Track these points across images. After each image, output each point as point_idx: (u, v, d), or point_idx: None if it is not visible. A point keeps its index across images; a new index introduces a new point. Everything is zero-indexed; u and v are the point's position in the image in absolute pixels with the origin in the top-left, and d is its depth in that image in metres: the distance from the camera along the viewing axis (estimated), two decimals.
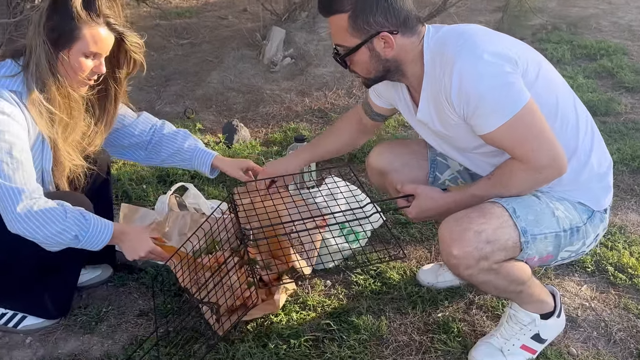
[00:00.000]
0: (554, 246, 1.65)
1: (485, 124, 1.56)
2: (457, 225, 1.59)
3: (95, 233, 1.71)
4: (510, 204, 1.61)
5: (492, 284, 1.63)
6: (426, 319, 2.03)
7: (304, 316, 2.02)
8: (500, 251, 1.57)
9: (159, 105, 4.24)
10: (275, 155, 3.33)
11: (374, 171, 2.08)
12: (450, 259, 1.59)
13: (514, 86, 1.52)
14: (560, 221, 1.64)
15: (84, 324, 1.99)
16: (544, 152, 1.55)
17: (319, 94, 4.37)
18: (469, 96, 1.53)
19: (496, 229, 1.56)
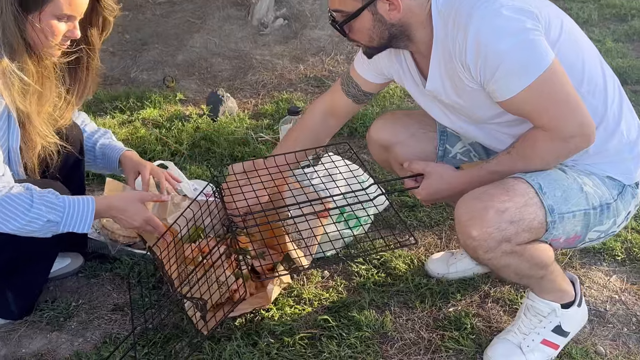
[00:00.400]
0: (582, 225, 1.64)
1: (506, 87, 1.54)
2: (477, 203, 1.57)
3: (74, 212, 1.71)
4: (535, 180, 1.59)
5: (513, 268, 1.63)
6: (436, 314, 2.01)
7: (299, 311, 2.00)
8: (524, 232, 1.56)
9: (135, 72, 4.19)
10: (266, 130, 3.29)
11: (376, 145, 2.06)
12: (469, 241, 1.58)
13: (538, 44, 1.49)
14: (589, 197, 1.63)
15: (52, 320, 1.97)
16: (571, 119, 1.54)
17: (315, 60, 4.32)
18: (487, 57, 1.51)
19: (521, 207, 1.55)
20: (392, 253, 2.28)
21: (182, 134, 3.18)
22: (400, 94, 3.77)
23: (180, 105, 3.67)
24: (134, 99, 3.66)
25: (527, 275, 1.67)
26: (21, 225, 1.65)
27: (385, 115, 2.11)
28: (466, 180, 1.72)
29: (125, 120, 3.42)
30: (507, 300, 2.06)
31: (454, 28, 1.55)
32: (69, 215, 1.71)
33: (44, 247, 1.91)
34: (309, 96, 3.83)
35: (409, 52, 1.76)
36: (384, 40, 1.65)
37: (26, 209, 1.65)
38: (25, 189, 1.68)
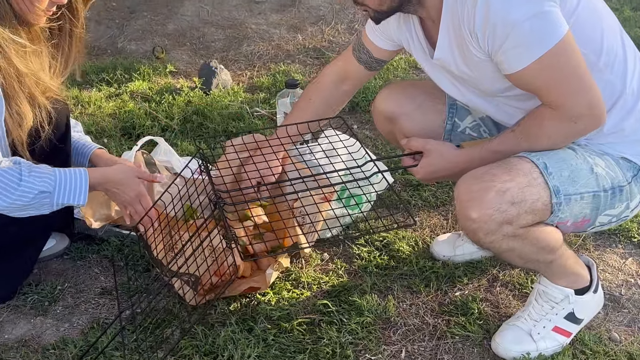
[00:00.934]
0: (591, 209, 1.64)
1: (514, 60, 1.53)
2: (477, 183, 1.57)
3: (66, 183, 1.73)
4: (540, 159, 1.59)
5: (517, 252, 1.63)
6: (441, 298, 2.01)
7: (297, 295, 2.01)
8: (527, 214, 1.56)
9: (122, 42, 4.16)
10: (262, 104, 3.28)
11: (381, 116, 2.05)
12: (468, 224, 1.58)
13: (550, 15, 1.48)
14: (599, 179, 1.62)
15: (36, 304, 1.97)
16: (581, 98, 1.53)
17: (315, 30, 4.29)
18: (495, 26, 1.49)
19: (523, 188, 1.55)
20: (395, 234, 2.28)
21: (173, 108, 3.17)
22: (404, 65, 3.74)
23: (171, 78, 3.65)
24: (122, 70, 3.64)
25: (533, 260, 1.67)
26: (12, 200, 1.66)
27: (392, 84, 2.10)
28: (467, 159, 1.72)
29: (112, 94, 3.40)
30: (516, 284, 2.06)
31: None
32: (62, 185, 1.73)
33: (32, 233, 1.93)
34: (308, 68, 3.80)
35: (418, 19, 1.74)
36: (395, 4, 1.63)
37: (16, 183, 1.66)
38: (14, 163, 1.69)
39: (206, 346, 1.78)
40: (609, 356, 1.79)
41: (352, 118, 3.19)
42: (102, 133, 2.94)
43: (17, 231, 1.83)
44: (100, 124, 3.01)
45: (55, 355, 1.77)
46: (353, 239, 2.26)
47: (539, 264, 1.70)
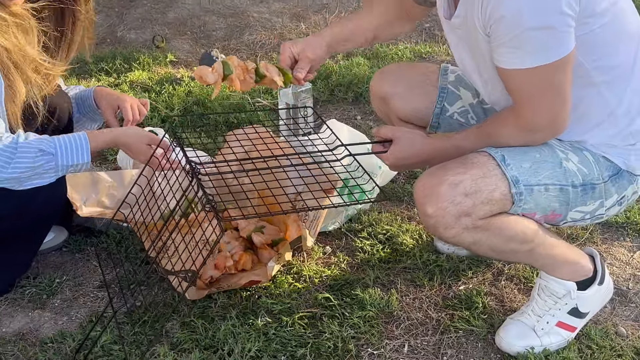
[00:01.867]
0: (560, 203, 1.65)
1: (504, 57, 1.55)
2: (431, 179, 1.61)
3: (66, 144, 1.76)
4: (499, 152, 1.62)
5: (485, 244, 1.64)
6: (445, 292, 2.03)
7: (299, 289, 2.02)
8: (483, 205, 1.58)
9: (122, 31, 4.17)
10: (263, 95, 3.29)
11: (376, 96, 2.08)
12: (427, 220, 1.61)
13: (559, 35, 1.48)
14: (568, 174, 1.64)
15: (34, 298, 1.99)
16: (548, 113, 1.58)
17: (318, 18, 4.29)
18: (505, 16, 1.49)
19: (477, 179, 1.57)
20: (398, 227, 2.29)
21: (173, 99, 3.18)
22: (410, 55, 3.75)
23: (171, 68, 3.66)
24: (121, 60, 3.65)
25: (507, 251, 1.68)
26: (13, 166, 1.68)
27: (388, 66, 2.14)
28: (433, 150, 1.76)
29: (111, 84, 3.41)
30: (521, 278, 2.07)
31: None
32: (63, 146, 1.75)
33: (32, 226, 1.94)
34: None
35: None
36: None
37: (13, 147, 1.69)
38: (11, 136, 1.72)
39: (206, 340, 1.80)
40: (616, 351, 1.80)
41: (356, 109, 3.20)
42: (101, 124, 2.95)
43: (17, 224, 1.85)
44: None
45: (53, 349, 1.79)
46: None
47: (517, 254, 1.71)
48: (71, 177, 2.03)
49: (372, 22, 1.97)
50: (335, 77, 3.40)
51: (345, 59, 3.68)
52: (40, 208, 1.86)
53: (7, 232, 1.86)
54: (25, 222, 1.87)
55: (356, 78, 3.35)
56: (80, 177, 2.12)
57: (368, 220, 2.33)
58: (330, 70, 3.47)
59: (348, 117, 3.12)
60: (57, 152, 1.74)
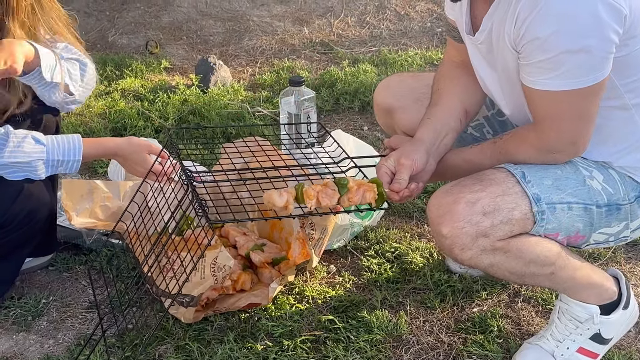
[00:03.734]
0: (584, 224, 1.64)
1: (536, 77, 1.55)
2: (446, 196, 1.60)
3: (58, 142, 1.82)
4: (518, 168, 1.62)
5: (503, 267, 1.63)
6: (458, 314, 2.03)
7: (301, 310, 2.03)
8: (503, 225, 1.57)
9: (113, 36, 4.20)
10: (264, 103, 3.31)
11: (379, 109, 2.09)
12: (442, 240, 1.60)
13: (594, 60, 1.49)
14: (592, 193, 1.64)
15: (18, 319, 2.00)
16: (569, 137, 1.60)
17: (322, 23, 4.31)
18: (541, 38, 1.49)
19: (495, 197, 1.57)
20: (408, 245, 2.30)
21: (168, 108, 3.20)
22: (420, 61, 3.77)
23: (166, 75, 3.69)
24: (112, 66, 3.68)
25: (527, 274, 1.66)
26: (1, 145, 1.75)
27: (392, 76, 2.14)
28: (445, 164, 1.77)
29: (102, 92, 3.44)
30: (539, 300, 2.08)
31: None
32: (54, 141, 1.82)
33: (14, 242, 1.96)
34: (314, 64, 3.83)
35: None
36: None
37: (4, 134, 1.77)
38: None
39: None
40: None
41: (362, 118, 3.21)
42: (90, 133, 2.97)
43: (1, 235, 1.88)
44: (89, 125, 3.05)
45: None
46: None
47: (538, 278, 1.69)
48: (68, 184, 2.06)
49: (453, 100, 1.86)
50: (341, 84, 3.42)
51: (351, 66, 3.71)
52: (25, 220, 1.89)
53: None
54: (12, 235, 1.90)
55: (363, 86, 3.37)
56: (77, 185, 2.13)
57: (375, 237, 2.34)
58: (335, 78, 3.49)
59: (354, 128, 3.13)
60: (48, 144, 1.80)
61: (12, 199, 1.88)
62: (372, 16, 4.36)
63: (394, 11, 4.41)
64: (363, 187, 1.68)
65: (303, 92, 2.66)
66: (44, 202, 1.97)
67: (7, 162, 1.77)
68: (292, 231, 2.12)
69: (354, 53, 3.96)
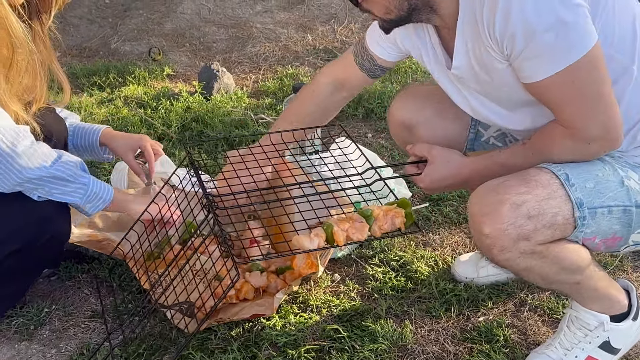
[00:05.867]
0: (622, 224, 1.64)
1: (531, 70, 1.54)
2: (491, 195, 1.59)
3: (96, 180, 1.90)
4: (562, 169, 1.61)
5: (537, 271, 1.64)
6: (463, 324, 2.04)
7: (305, 320, 2.03)
8: (545, 229, 1.57)
9: (116, 43, 4.22)
10: (267, 110, 3.32)
11: (397, 124, 2.07)
12: (482, 239, 1.60)
13: (576, 26, 1.48)
14: (632, 193, 1.63)
15: (21, 328, 2.01)
16: (596, 120, 1.56)
17: (326, 29, 4.33)
18: (515, 34, 1.50)
19: (541, 201, 1.56)
20: (413, 254, 2.30)
21: (171, 115, 3.21)
22: (424, 68, 3.77)
23: (169, 82, 3.70)
24: (115, 74, 3.69)
25: (557, 281, 1.68)
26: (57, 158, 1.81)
27: (409, 89, 2.12)
28: (473, 170, 1.76)
29: (104, 99, 3.45)
30: (546, 309, 2.08)
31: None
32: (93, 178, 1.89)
33: (31, 264, 1.99)
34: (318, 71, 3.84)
35: (434, 28, 1.75)
36: (403, 13, 1.63)
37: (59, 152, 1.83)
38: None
39: None
40: None
41: (366, 126, 3.22)
42: None
43: (23, 258, 1.89)
44: None
45: None
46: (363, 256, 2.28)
47: (564, 285, 1.70)
48: None
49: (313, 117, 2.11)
50: None
51: None
52: (46, 244, 1.91)
53: (11, 266, 1.89)
54: (30, 257, 1.91)
55: (367, 93, 3.38)
56: None
57: (380, 245, 2.35)
58: None
59: (358, 135, 3.14)
60: (89, 176, 1.87)
61: (35, 224, 1.87)
62: None
63: None
64: (391, 214, 1.70)
65: None
66: (65, 228, 1.98)
67: (56, 174, 1.79)
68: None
69: None
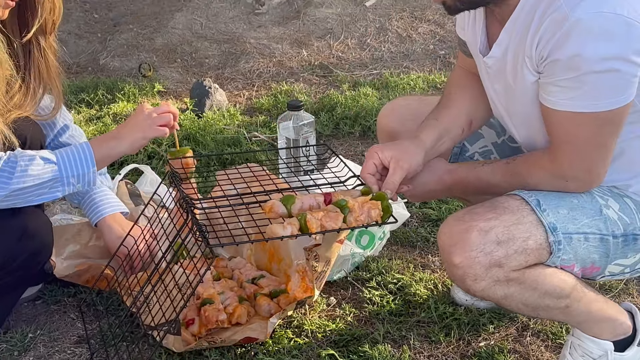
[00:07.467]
0: (600, 254, 1.65)
1: (557, 97, 1.56)
2: (459, 224, 1.61)
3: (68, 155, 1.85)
4: (533, 196, 1.63)
5: (517, 299, 1.63)
6: (464, 349, 2.03)
7: (300, 345, 2.02)
8: (517, 255, 1.57)
9: (105, 58, 4.23)
10: (261, 128, 3.32)
11: (383, 134, 2.11)
12: (454, 271, 1.60)
13: (621, 81, 1.50)
14: (609, 222, 1.64)
15: (4, 355, 1.99)
16: (584, 164, 1.61)
17: (322, 45, 4.35)
18: (563, 58, 1.51)
19: (510, 226, 1.57)
20: (411, 276, 2.29)
21: None
22: (422, 85, 3.79)
23: (159, 98, 3.70)
24: (104, 90, 3.70)
25: (542, 307, 1.67)
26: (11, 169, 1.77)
27: (396, 100, 2.16)
28: (456, 179, 1.80)
29: (92, 116, 3.45)
30: (549, 334, 2.07)
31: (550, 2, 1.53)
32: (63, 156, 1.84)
33: (13, 283, 1.97)
34: (313, 88, 3.86)
35: (484, 15, 1.75)
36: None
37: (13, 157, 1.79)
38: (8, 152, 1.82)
39: None
40: None
41: (363, 144, 3.23)
42: None
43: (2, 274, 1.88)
44: None
45: None
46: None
47: (554, 311, 1.69)
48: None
49: (461, 108, 1.91)
50: (341, 108, 3.44)
51: (351, 89, 3.73)
52: (26, 261, 1.90)
53: None
54: (9, 275, 1.90)
55: (363, 110, 3.39)
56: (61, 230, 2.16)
57: (377, 268, 2.34)
58: (335, 102, 3.51)
59: (354, 154, 3.15)
60: (58, 160, 1.83)
61: (15, 240, 1.87)
62: (373, 38, 4.39)
63: (396, 33, 4.45)
64: (367, 205, 1.70)
65: (302, 116, 2.68)
66: (46, 244, 1.97)
67: (17, 188, 1.78)
68: (291, 263, 2.12)
69: (354, 76, 3.99)
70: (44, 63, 1.99)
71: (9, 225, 1.85)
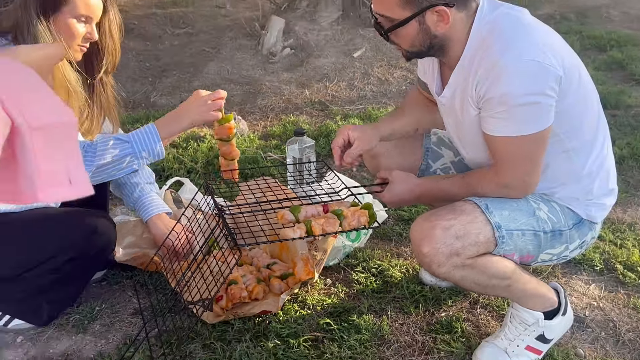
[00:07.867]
0: (533, 246, 1.66)
1: (494, 126, 1.59)
2: (426, 223, 1.62)
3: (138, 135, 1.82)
4: (483, 201, 1.64)
5: (470, 279, 1.64)
6: (429, 318, 2.03)
7: (303, 315, 2.02)
8: (471, 246, 1.59)
9: (154, 96, 4.24)
10: (274, 149, 3.33)
11: (367, 154, 2.09)
12: (422, 258, 1.62)
13: (542, 109, 1.52)
14: (540, 222, 1.66)
15: (77, 323, 1.99)
16: (522, 175, 1.62)
17: (320, 86, 4.36)
18: (495, 97, 1.53)
19: (466, 224, 1.59)
20: (389, 263, 2.30)
21: (197, 153, 3.22)
22: None
23: (196, 128, 3.70)
24: (154, 121, 3.69)
25: (490, 286, 1.67)
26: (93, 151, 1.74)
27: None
28: (423, 190, 1.80)
29: None
30: (494, 307, 2.07)
31: (484, 54, 1.55)
32: (134, 135, 1.81)
33: (84, 271, 1.98)
34: (314, 119, 3.86)
35: (438, 61, 1.76)
36: (424, 49, 1.64)
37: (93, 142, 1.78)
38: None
39: (224, 359, 1.80)
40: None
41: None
42: None
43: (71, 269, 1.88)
44: None
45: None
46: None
47: (498, 288, 1.69)
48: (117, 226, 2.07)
49: (411, 119, 1.96)
50: (334, 135, 3.43)
51: (343, 120, 3.74)
52: (96, 253, 1.90)
53: (68, 272, 1.88)
54: (82, 264, 1.90)
55: None
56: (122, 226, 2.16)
57: (362, 256, 2.34)
58: (330, 129, 3.53)
59: (345, 170, 3.14)
60: (130, 139, 1.80)
61: (88, 238, 1.85)
62: (359, 81, 4.41)
63: (377, 77, 4.47)
64: (357, 213, 1.73)
65: (305, 140, 2.69)
66: (111, 241, 1.95)
67: (100, 164, 1.75)
68: (297, 253, 2.13)
69: (345, 110, 4.00)
70: (105, 96, 1.99)
71: (83, 225, 1.85)
